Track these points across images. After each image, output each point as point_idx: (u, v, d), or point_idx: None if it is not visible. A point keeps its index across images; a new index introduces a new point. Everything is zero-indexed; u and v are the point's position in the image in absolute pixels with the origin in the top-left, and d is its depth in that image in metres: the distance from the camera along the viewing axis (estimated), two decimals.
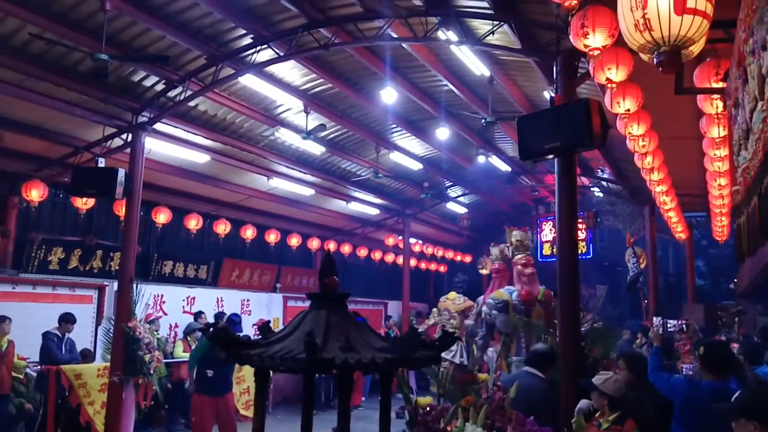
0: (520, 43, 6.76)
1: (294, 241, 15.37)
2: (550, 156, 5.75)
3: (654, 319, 10.79)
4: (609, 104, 5.98)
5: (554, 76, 6.10)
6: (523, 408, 3.72)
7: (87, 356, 9.56)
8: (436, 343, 2.56)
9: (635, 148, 7.33)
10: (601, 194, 15.39)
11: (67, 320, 8.92)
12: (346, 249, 17.01)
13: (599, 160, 12.49)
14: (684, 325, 8.72)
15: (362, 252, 17.84)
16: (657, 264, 14.00)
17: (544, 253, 19.96)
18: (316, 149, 11.98)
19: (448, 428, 3.30)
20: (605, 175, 13.64)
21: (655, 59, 3.35)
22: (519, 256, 8.80)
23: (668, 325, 9.38)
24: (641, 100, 6.02)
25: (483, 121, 9.85)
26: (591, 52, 4.86)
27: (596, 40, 4.74)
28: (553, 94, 6.18)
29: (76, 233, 11.16)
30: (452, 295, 9.96)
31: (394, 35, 7.77)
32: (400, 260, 18.24)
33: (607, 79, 5.35)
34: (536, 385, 4.63)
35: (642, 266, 14.18)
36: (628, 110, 6.06)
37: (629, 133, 6.78)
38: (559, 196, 5.92)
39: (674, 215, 11.97)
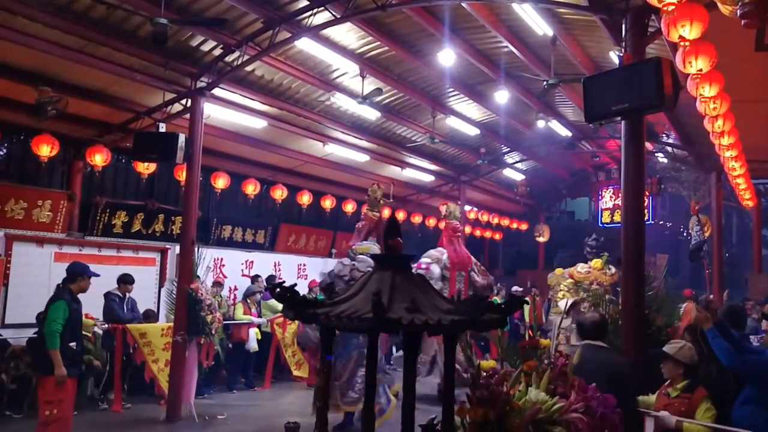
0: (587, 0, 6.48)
1: (349, 207, 15.43)
2: (618, 118, 5.55)
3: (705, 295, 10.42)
4: (681, 64, 5.69)
5: (623, 35, 5.84)
6: (608, 389, 3.41)
7: (151, 316, 9.89)
8: (503, 306, 2.50)
9: (706, 111, 6.99)
10: (665, 160, 14.85)
11: (125, 281, 9.22)
12: (401, 215, 16.98)
13: (664, 124, 12.03)
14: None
15: (416, 218, 17.79)
16: (722, 233, 13.53)
17: (603, 220, 19.51)
18: (371, 114, 11.90)
19: (511, 392, 3.25)
20: (670, 140, 13.14)
21: (738, 11, 3.15)
22: None
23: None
24: (715, 59, 5.70)
25: (545, 83, 9.55)
26: (665, 8, 4.60)
27: None
28: (620, 55, 5.93)
29: (138, 197, 11.46)
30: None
31: None
32: None
33: (680, 36, 5.07)
34: (612, 360, 4.23)
35: (706, 235, 13.69)
36: (701, 70, 5.75)
37: (700, 94, 6.45)
38: (625, 160, 5.72)
39: (742, 182, 11.51)
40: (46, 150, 9.21)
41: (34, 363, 7.04)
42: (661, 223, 19.44)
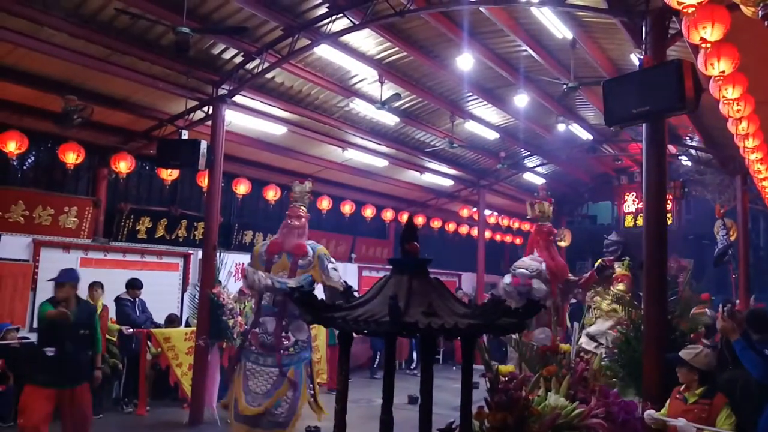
0: (607, 2, 6.44)
1: (368, 212, 15.44)
2: (639, 121, 5.51)
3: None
4: (702, 66, 5.63)
5: (643, 38, 5.80)
6: None
7: (173, 321, 10.01)
8: (519, 310, 2.50)
9: (729, 113, 6.89)
10: (689, 163, 14.65)
11: (134, 286, 9.34)
12: (420, 220, 16.97)
13: (687, 127, 11.88)
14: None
15: (436, 223, 17.76)
16: (748, 237, 13.31)
17: (626, 224, 19.30)
18: (390, 120, 11.93)
19: (530, 397, 3.24)
20: (694, 143, 12.97)
21: (760, 12, 3.13)
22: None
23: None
24: (737, 61, 5.63)
25: (564, 87, 9.50)
26: (685, 10, 4.55)
27: None
28: (640, 57, 5.89)
29: (162, 204, 11.61)
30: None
31: None
32: (474, 232, 18.06)
33: (702, 38, 5.02)
34: None
35: (732, 239, 13.48)
36: (723, 72, 5.67)
37: (723, 96, 6.37)
38: (647, 164, 5.67)
39: None
40: (72, 157, 9.38)
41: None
42: (685, 227, 19.16)
